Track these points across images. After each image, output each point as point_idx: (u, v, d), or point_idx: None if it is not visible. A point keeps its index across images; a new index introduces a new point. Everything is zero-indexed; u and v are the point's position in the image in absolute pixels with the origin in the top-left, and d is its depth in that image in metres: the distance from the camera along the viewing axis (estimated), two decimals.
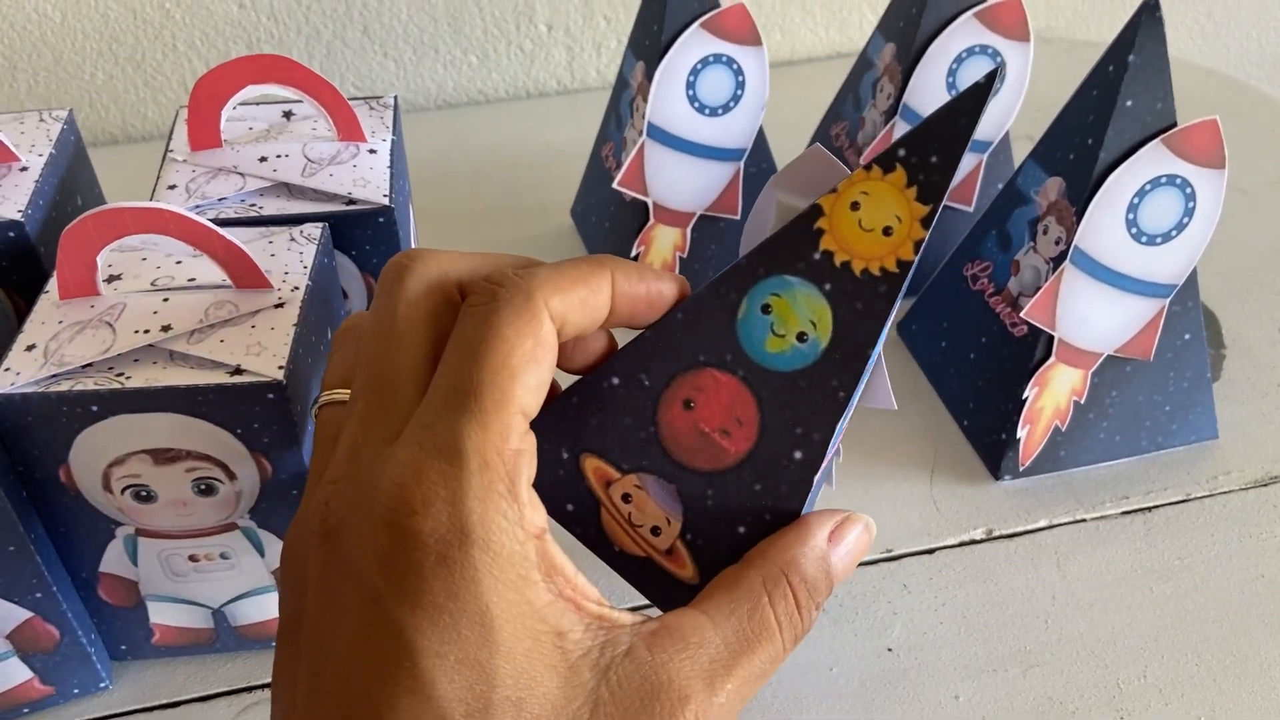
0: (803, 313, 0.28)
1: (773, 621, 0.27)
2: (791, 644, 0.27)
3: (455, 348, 0.25)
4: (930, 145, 0.26)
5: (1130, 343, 0.43)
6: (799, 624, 0.27)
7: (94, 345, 0.32)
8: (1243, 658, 0.39)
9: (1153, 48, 0.40)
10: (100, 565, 0.36)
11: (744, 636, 0.26)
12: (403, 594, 0.23)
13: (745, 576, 0.28)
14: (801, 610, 0.27)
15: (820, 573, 0.28)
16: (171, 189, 0.40)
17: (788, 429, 0.29)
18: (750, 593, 0.27)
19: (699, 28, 0.49)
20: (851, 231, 0.28)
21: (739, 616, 0.27)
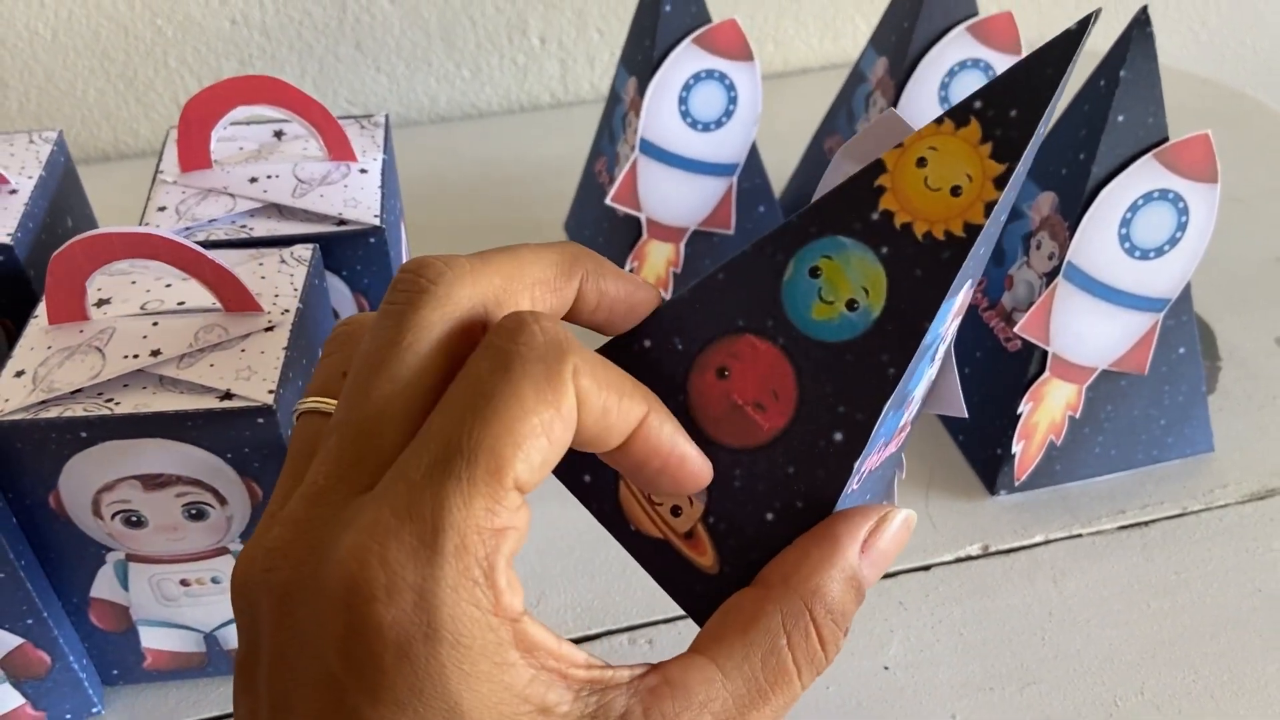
0: (855, 278, 0.25)
1: (791, 666, 0.24)
2: (810, 682, 0.25)
3: (462, 392, 0.22)
4: (1010, 98, 0.23)
5: (1124, 357, 0.43)
6: (821, 662, 0.25)
7: (83, 371, 0.32)
8: (1240, 673, 0.39)
9: (1144, 62, 0.39)
10: (91, 590, 0.36)
11: (757, 688, 0.24)
12: (362, 685, 0.21)
13: (763, 613, 0.25)
14: (826, 646, 0.25)
15: (849, 596, 0.25)
16: (161, 211, 0.40)
17: (829, 406, 0.25)
18: (767, 634, 0.25)
19: (691, 43, 0.49)
20: (916, 190, 0.25)
21: (752, 664, 0.24)
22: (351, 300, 0.41)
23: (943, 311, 0.25)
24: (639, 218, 0.51)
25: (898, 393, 0.25)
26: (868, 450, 0.26)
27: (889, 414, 0.26)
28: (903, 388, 0.25)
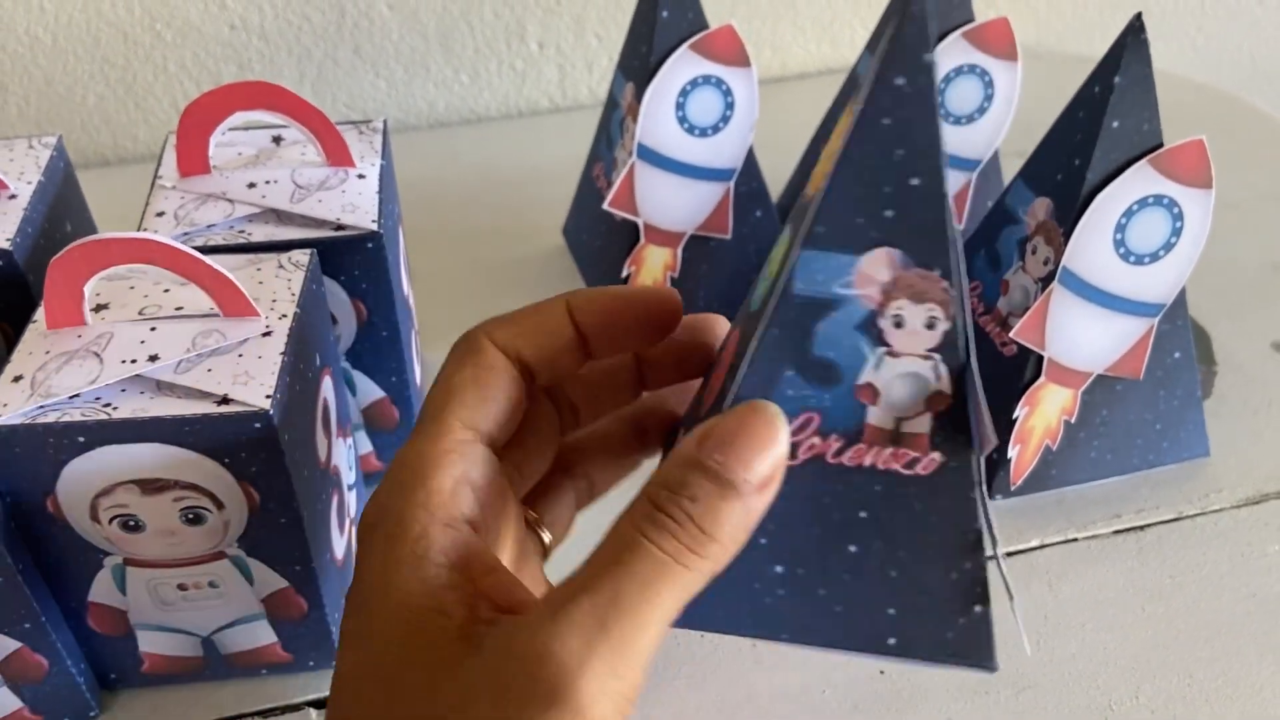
0: (779, 253, 0.27)
1: (633, 532, 0.25)
2: (675, 544, 0.25)
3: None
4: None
5: (1120, 362, 0.43)
6: (671, 523, 0.25)
7: (81, 376, 0.32)
8: (1235, 678, 0.39)
9: (1138, 69, 0.40)
10: (89, 595, 0.36)
11: (604, 558, 0.25)
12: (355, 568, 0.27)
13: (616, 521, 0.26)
14: (667, 508, 0.25)
15: (686, 473, 0.25)
16: (160, 216, 0.40)
17: (737, 364, 0.27)
18: (614, 526, 0.26)
19: (688, 49, 0.49)
20: (821, 163, 0.27)
21: (603, 544, 0.25)
22: (349, 305, 0.41)
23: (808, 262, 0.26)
24: (636, 222, 0.51)
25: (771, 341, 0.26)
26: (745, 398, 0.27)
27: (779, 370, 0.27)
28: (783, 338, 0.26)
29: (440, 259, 0.60)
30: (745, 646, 0.40)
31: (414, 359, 0.47)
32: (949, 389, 0.27)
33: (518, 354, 0.30)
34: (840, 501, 0.27)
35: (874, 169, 0.25)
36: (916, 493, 0.27)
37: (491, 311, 0.60)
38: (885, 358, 0.26)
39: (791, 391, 0.27)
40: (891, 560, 0.28)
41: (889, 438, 0.27)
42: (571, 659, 0.23)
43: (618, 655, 0.24)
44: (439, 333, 0.54)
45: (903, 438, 0.27)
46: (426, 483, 0.27)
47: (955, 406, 0.27)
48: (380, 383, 0.44)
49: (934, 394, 0.27)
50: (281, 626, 0.38)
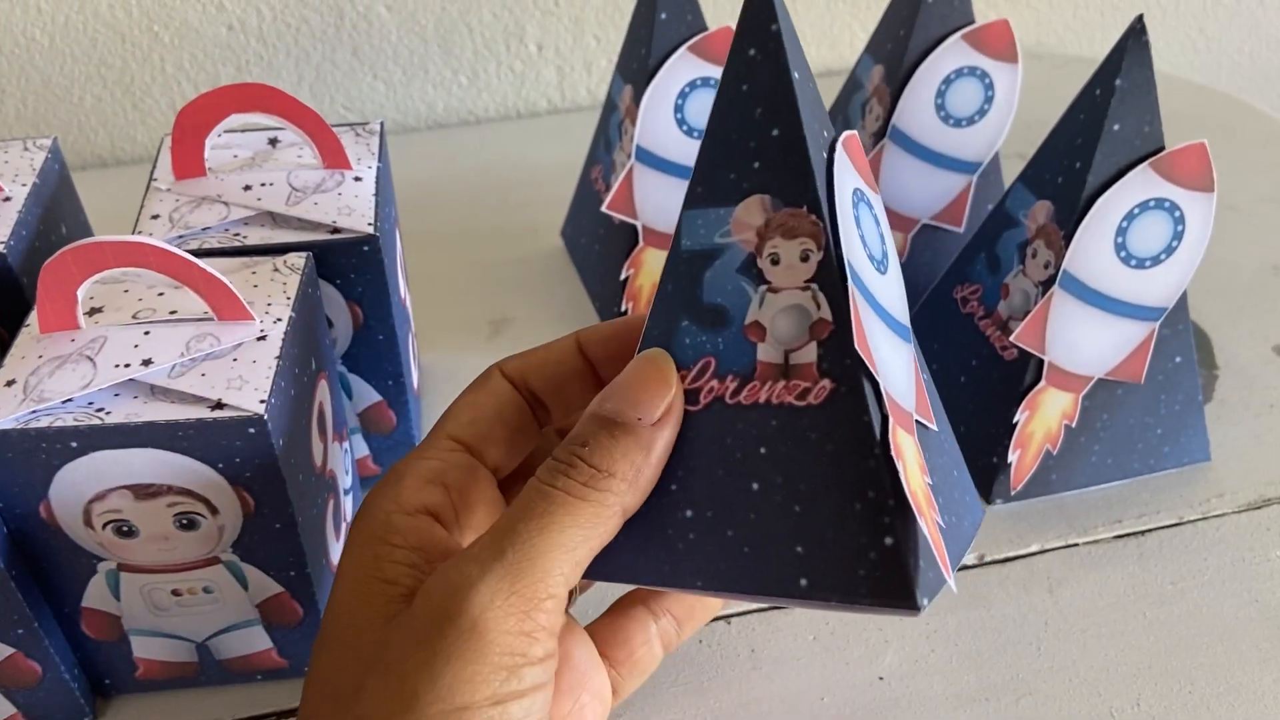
0: None
1: (533, 484, 0.28)
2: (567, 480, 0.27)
3: None
4: None
5: (1121, 366, 0.43)
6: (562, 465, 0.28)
7: (74, 380, 0.32)
8: (1236, 685, 0.39)
9: (1139, 71, 0.39)
10: (82, 600, 0.36)
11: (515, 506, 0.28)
12: None
13: None
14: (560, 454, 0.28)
15: (586, 424, 0.28)
16: (155, 219, 0.39)
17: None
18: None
19: (686, 51, 0.48)
20: None
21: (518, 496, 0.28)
22: (345, 308, 0.41)
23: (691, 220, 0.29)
24: (635, 225, 0.51)
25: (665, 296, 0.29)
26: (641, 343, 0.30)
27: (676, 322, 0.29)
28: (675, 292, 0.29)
29: (438, 261, 0.60)
30: (743, 652, 0.40)
31: (411, 362, 0.47)
32: (829, 315, 0.28)
33: (525, 383, 0.33)
34: (741, 440, 0.28)
35: (738, 129, 0.28)
36: (810, 423, 0.28)
37: (489, 314, 0.60)
38: (767, 294, 0.28)
39: (688, 340, 0.29)
40: (793, 495, 0.28)
41: (780, 371, 0.28)
42: (466, 582, 0.26)
43: (514, 574, 0.26)
44: (436, 335, 0.54)
45: (792, 369, 0.28)
46: (400, 481, 0.30)
47: (837, 332, 0.28)
48: (377, 386, 0.44)
49: (816, 322, 0.28)
50: (277, 632, 0.38)
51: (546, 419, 0.34)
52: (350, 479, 0.43)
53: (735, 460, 0.28)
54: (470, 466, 0.31)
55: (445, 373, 0.52)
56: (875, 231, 0.30)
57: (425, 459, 0.31)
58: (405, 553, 0.29)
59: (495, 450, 0.32)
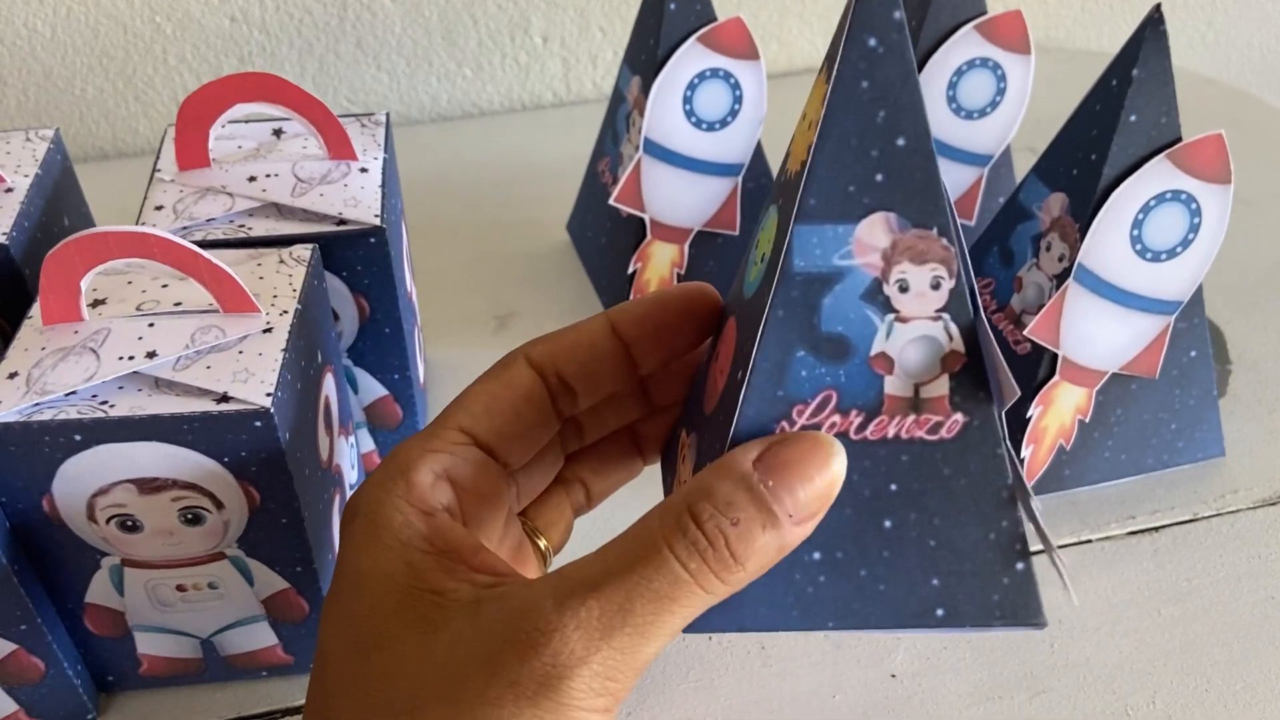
0: (768, 234, 0.27)
1: (659, 541, 0.24)
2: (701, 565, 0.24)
3: None
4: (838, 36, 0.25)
5: (1135, 360, 0.42)
6: (703, 542, 0.24)
7: (77, 373, 0.32)
8: (1253, 682, 0.38)
9: (1157, 62, 0.39)
10: (86, 596, 0.35)
11: (623, 559, 0.25)
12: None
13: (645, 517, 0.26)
14: (705, 526, 0.24)
15: (738, 491, 0.25)
16: (159, 210, 0.39)
17: (744, 352, 0.27)
18: (642, 524, 0.25)
19: (695, 42, 0.48)
20: (799, 137, 0.27)
21: (625, 541, 0.25)
22: (351, 301, 0.41)
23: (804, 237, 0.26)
24: (643, 218, 0.51)
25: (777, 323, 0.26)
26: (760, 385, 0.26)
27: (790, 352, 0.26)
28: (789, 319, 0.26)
29: (443, 254, 0.59)
30: (754, 650, 0.40)
31: (417, 356, 0.46)
32: (962, 347, 0.26)
33: (555, 371, 0.30)
34: (869, 477, 0.27)
35: (858, 135, 0.25)
36: (944, 457, 0.27)
37: (495, 308, 0.59)
38: (895, 324, 0.26)
39: (805, 372, 0.26)
40: (929, 530, 0.27)
41: (909, 405, 0.27)
42: (570, 657, 0.23)
43: (615, 662, 0.24)
44: (442, 329, 0.54)
45: (923, 403, 0.26)
46: (408, 475, 0.28)
47: (970, 364, 0.26)
48: (383, 380, 0.43)
49: (948, 354, 0.26)
50: (283, 628, 0.37)
51: (571, 405, 0.31)
52: (356, 473, 0.43)
53: (864, 499, 0.27)
54: (480, 463, 0.30)
55: (451, 367, 0.52)
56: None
57: (433, 450, 0.29)
58: (436, 559, 0.26)
59: (509, 447, 0.30)
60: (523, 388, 0.30)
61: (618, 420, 0.34)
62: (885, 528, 0.27)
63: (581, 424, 0.33)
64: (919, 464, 0.27)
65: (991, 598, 0.27)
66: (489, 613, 0.25)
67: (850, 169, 0.25)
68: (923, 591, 0.27)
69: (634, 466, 0.35)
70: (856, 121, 0.25)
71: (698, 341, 0.32)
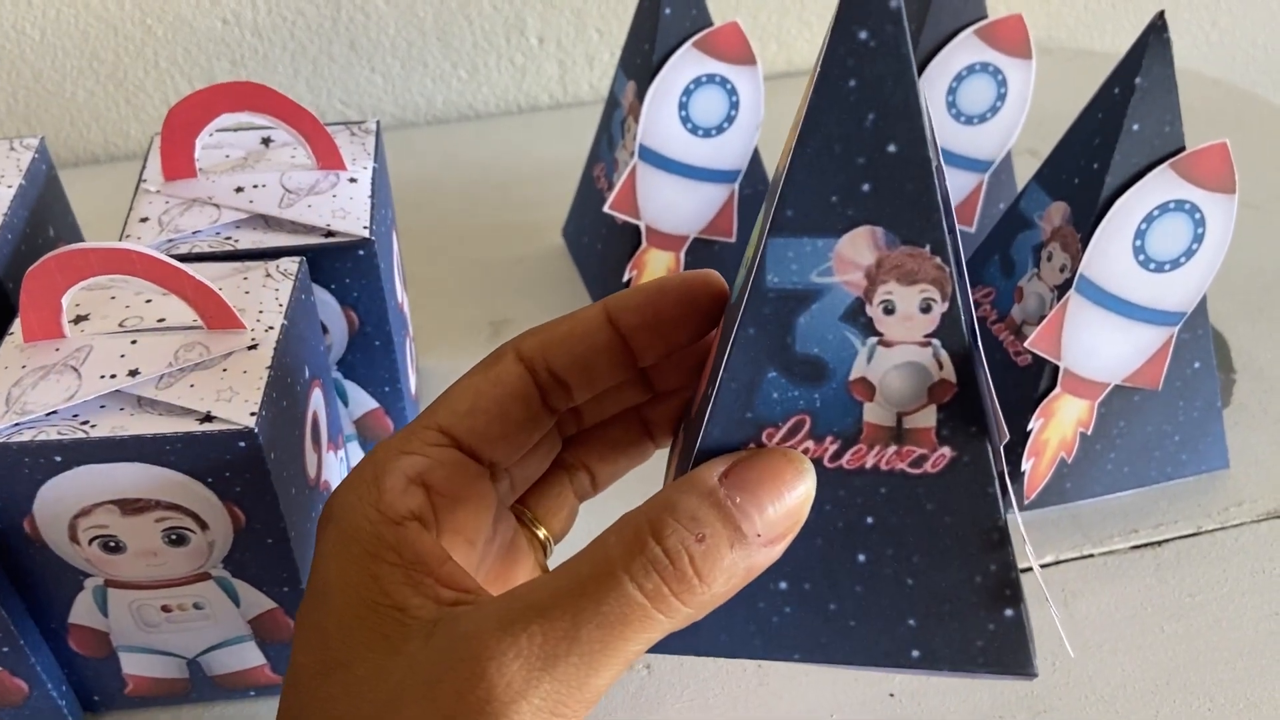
0: (754, 242, 0.26)
1: (613, 560, 0.23)
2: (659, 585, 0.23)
3: None
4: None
5: (1138, 372, 0.42)
6: (663, 560, 0.23)
7: (58, 392, 0.31)
8: (1257, 701, 0.38)
9: (1160, 70, 0.38)
10: (69, 616, 0.35)
11: (574, 579, 0.23)
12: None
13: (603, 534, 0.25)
14: (667, 542, 0.23)
15: (703, 507, 0.23)
16: (144, 222, 0.38)
17: (715, 367, 0.26)
18: (599, 542, 0.24)
19: (691, 47, 0.47)
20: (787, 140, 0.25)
21: (579, 559, 0.24)
22: (340, 314, 0.40)
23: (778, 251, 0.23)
24: (638, 225, 0.50)
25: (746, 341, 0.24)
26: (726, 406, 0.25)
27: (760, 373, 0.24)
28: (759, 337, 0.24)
29: (437, 261, 0.58)
30: (750, 668, 0.39)
31: (408, 367, 0.46)
32: (953, 376, 0.24)
33: (547, 365, 0.28)
34: (843, 508, 0.25)
35: (843, 139, 0.22)
36: (927, 493, 0.25)
37: (488, 315, 0.59)
38: (878, 348, 0.24)
39: (776, 394, 0.25)
40: (906, 568, 0.26)
41: (891, 435, 0.25)
42: (508, 691, 0.22)
43: (561, 695, 0.22)
44: (434, 338, 0.53)
45: (906, 434, 0.25)
46: (380, 482, 0.26)
47: (961, 395, 0.24)
48: (373, 393, 0.43)
49: (937, 383, 0.24)
50: (270, 648, 0.37)
51: (565, 399, 0.29)
52: None
53: (837, 530, 0.26)
54: (457, 464, 0.28)
55: (444, 376, 0.51)
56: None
57: (407, 454, 0.27)
58: (403, 571, 0.25)
59: (493, 447, 0.28)
60: (510, 384, 0.28)
61: (617, 406, 0.32)
62: (859, 561, 0.26)
63: (580, 409, 0.31)
64: (899, 498, 0.25)
65: (975, 643, 0.26)
66: (440, 635, 0.24)
67: (833, 177, 0.23)
68: (897, 631, 0.26)
69: (644, 450, 0.33)
70: (841, 124, 0.22)
71: (701, 333, 0.29)
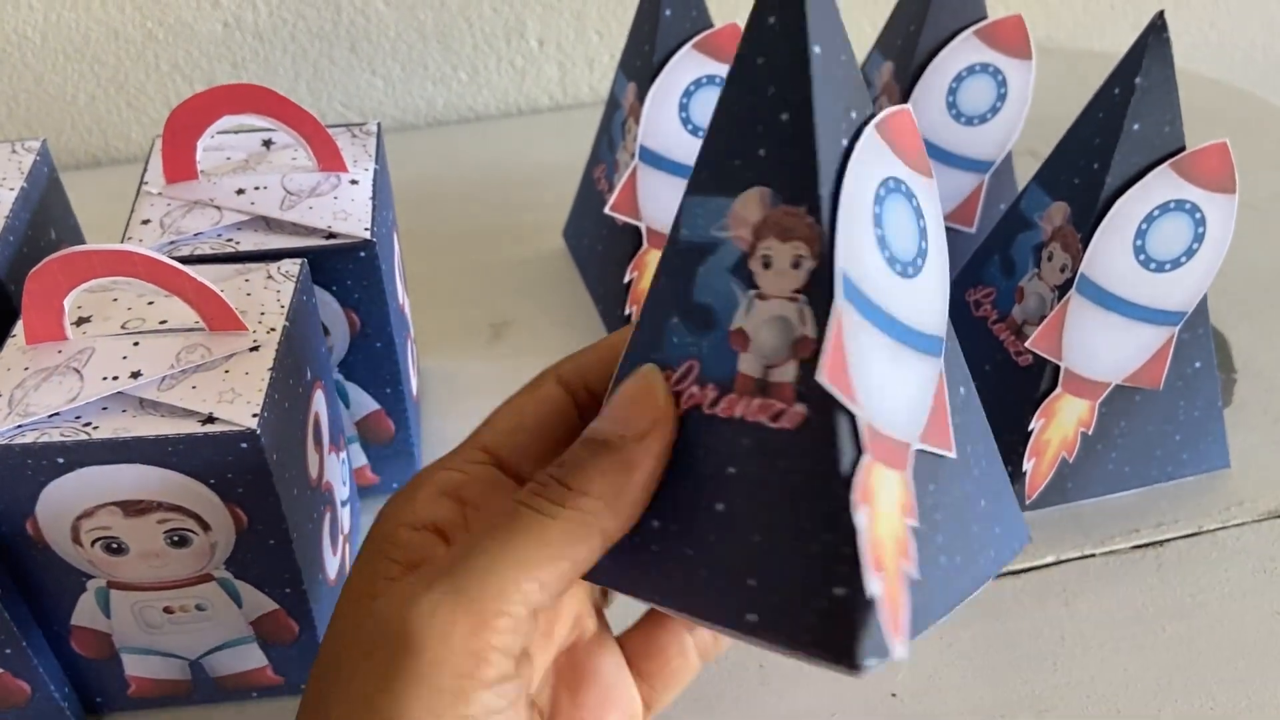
0: None
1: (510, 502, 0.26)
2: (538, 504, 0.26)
3: None
4: None
5: (1138, 372, 0.42)
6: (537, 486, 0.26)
7: (61, 393, 0.31)
8: (1260, 701, 0.38)
9: (1160, 70, 0.38)
10: (72, 618, 0.35)
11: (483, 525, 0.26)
12: None
13: None
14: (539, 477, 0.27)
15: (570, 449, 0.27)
16: (145, 224, 0.38)
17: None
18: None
19: (691, 49, 0.47)
20: None
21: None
22: (342, 316, 0.40)
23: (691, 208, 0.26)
24: (639, 227, 0.50)
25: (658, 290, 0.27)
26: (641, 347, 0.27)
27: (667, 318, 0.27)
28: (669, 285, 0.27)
29: (438, 262, 0.58)
30: (753, 668, 0.39)
31: (410, 369, 0.46)
32: (814, 333, 0.24)
33: (584, 384, 0.30)
34: (711, 455, 0.26)
35: (748, 109, 0.25)
36: (780, 449, 0.25)
37: (489, 316, 0.59)
38: (755, 301, 0.25)
39: (676, 339, 0.26)
40: (755, 524, 0.25)
41: (757, 387, 0.25)
42: (408, 596, 0.25)
43: (460, 589, 0.24)
44: (436, 340, 0.53)
45: (769, 387, 0.25)
46: (415, 493, 0.29)
47: (817, 354, 0.24)
48: (375, 395, 0.43)
49: (799, 338, 0.25)
50: (272, 649, 0.37)
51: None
52: (348, 490, 0.42)
53: (703, 476, 0.26)
54: (493, 480, 0.29)
55: (445, 378, 0.51)
56: (911, 228, 0.26)
57: (447, 469, 0.29)
58: (399, 569, 0.27)
59: (530, 464, 0.29)
60: (550, 402, 0.30)
61: None
62: (717, 510, 0.26)
63: None
64: (757, 451, 0.25)
65: (804, 618, 0.24)
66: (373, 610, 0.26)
67: (737, 142, 0.25)
68: (739, 589, 0.25)
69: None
70: (748, 97, 0.25)
71: None
